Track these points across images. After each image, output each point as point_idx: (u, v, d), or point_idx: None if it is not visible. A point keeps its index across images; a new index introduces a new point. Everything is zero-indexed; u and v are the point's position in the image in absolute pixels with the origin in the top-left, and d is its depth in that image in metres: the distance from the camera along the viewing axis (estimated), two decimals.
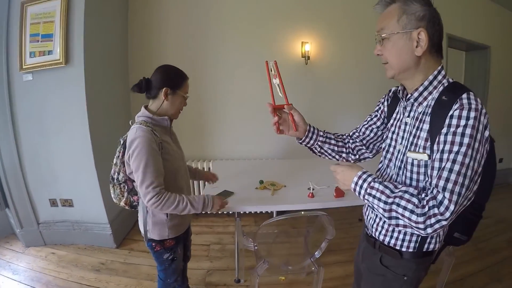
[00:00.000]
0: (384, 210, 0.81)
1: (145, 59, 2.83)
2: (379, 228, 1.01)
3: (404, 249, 0.96)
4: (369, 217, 1.08)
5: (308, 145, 1.13)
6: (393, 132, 1.01)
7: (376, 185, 0.84)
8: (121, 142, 1.33)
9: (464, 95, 0.77)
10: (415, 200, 0.76)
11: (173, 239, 1.42)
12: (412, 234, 0.93)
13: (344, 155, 1.17)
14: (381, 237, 1.01)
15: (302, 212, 1.61)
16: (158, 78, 1.32)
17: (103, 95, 2.43)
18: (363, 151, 1.18)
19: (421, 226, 0.74)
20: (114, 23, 2.58)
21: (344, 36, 3.09)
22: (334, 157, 1.18)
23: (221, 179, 1.85)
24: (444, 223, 0.73)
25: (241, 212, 1.85)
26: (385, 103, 1.12)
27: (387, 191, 0.81)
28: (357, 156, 1.19)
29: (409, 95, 0.91)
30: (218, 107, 3.02)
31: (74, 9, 2.11)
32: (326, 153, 1.16)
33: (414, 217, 0.75)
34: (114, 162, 1.33)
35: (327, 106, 3.22)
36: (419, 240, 0.93)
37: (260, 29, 2.91)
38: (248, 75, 2.92)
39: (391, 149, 1.02)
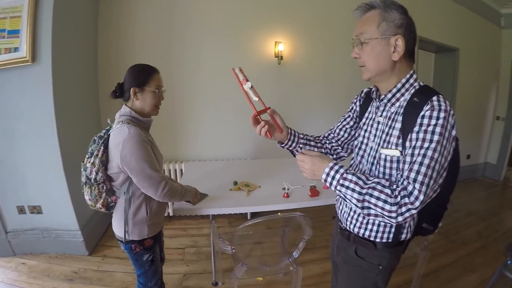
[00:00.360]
0: (358, 200, 0.83)
1: (115, 58, 2.65)
2: (354, 221, 1.03)
3: (378, 240, 0.99)
4: (343, 211, 1.10)
5: (290, 148, 1.13)
6: (366, 130, 1.04)
7: (349, 176, 0.85)
8: (98, 141, 1.26)
9: (435, 98, 0.82)
10: (387, 191, 0.80)
11: (152, 238, 1.39)
12: (386, 225, 0.97)
13: None
14: (356, 230, 1.03)
15: (279, 213, 1.55)
16: (126, 80, 1.30)
17: (72, 95, 2.27)
18: (338, 150, 1.20)
19: (393, 215, 0.78)
20: (84, 20, 2.42)
21: (317, 36, 3.05)
22: None
23: (194, 181, 1.78)
24: (413, 212, 0.78)
25: (215, 214, 1.79)
26: (357, 103, 1.14)
27: (361, 182, 0.84)
28: (334, 156, 1.21)
29: (383, 96, 0.95)
30: (189, 108, 2.87)
31: (42, 4, 1.95)
32: None
33: (387, 207, 0.78)
34: (92, 161, 1.23)
35: (300, 105, 3.16)
36: (393, 230, 0.97)
37: (233, 29, 2.80)
38: (220, 75, 2.80)
39: (363, 146, 1.04)
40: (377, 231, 0.98)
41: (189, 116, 2.89)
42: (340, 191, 0.87)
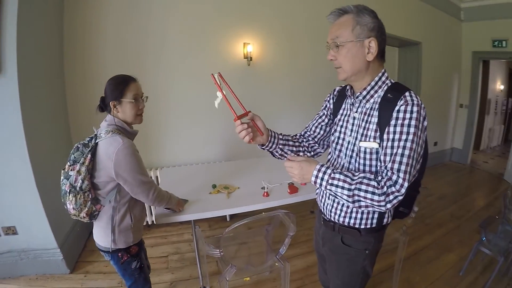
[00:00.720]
0: (348, 196, 0.87)
1: (80, 64, 2.47)
2: (338, 212, 1.06)
3: (362, 227, 1.03)
4: (325, 204, 1.11)
5: (271, 150, 1.13)
6: (342, 126, 1.06)
7: (337, 175, 0.89)
8: (83, 149, 1.22)
9: (407, 93, 0.88)
10: (374, 183, 0.85)
11: (136, 245, 1.39)
12: (369, 213, 1.01)
13: (301, 154, 1.20)
14: (341, 220, 1.06)
15: (263, 213, 1.51)
16: (106, 94, 1.29)
17: (40, 106, 2.10)
18: (315, 147, 1.22)
19: (382, 203, 0.84)
20: (49, 27, 2.25)
21: (286, 36, 3.02)
22: None
23: (172, 187, 1.70)
24: (400, 198, 0.83)
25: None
26: (331, 101, 1.16)
27: (348, 179, 0.88)
28: (312, 153, 1.23)
29: (358, 93, 0.98)
30: (156, 111, 2.66)
31: (6, 12, 1.79)
32: (286, 155, 1.16)
33: (376, 197, 0.83)
34: (77, 169, 1.18)
35: (271, 105, 3.10)
36: (376, 216, 1.02)
37: (201, 32, 2.69)
38: (191, 79, 2.67)
39: (340, 141, 1.07)
40: (361, 219, 1.02)
41: (157, 120, 2.71)
42: (330, 190, 0.90)
